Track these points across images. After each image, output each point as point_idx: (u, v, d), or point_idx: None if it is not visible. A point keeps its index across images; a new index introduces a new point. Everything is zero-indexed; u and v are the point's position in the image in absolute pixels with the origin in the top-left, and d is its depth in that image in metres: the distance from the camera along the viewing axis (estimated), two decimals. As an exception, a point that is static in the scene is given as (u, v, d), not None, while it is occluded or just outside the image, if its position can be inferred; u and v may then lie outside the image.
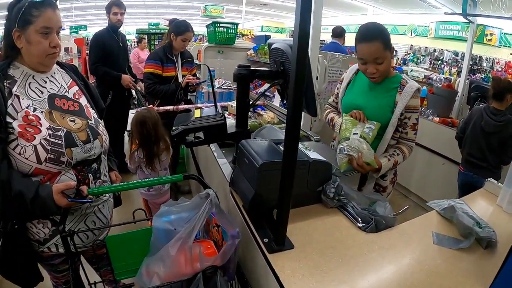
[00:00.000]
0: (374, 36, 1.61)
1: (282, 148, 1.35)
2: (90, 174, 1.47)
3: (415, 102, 1.73)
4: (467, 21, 5.16)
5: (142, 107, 3.13)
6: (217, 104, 1.77)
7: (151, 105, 2.92)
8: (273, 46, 1.67)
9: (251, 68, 1.57)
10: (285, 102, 1.80)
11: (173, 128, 1.43)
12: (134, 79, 3.89)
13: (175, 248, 1.11)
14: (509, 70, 7.55)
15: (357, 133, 1.66)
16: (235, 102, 2.98)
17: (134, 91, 3.91)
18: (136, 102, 4.40)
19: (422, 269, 1.11)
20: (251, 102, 1.66)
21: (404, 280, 1.05)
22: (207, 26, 4.34)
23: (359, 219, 1.32)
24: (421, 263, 1.15)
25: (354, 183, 1.82)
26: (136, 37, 9.28)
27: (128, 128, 3.10)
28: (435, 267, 1.12)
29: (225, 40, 4.23)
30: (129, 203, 2.95)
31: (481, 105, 3.28)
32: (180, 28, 3.19)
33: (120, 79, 3.76)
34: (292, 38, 0.90)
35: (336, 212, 1.39)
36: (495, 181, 1.79)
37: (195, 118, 1.51)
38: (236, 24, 4.27)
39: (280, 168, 1.03)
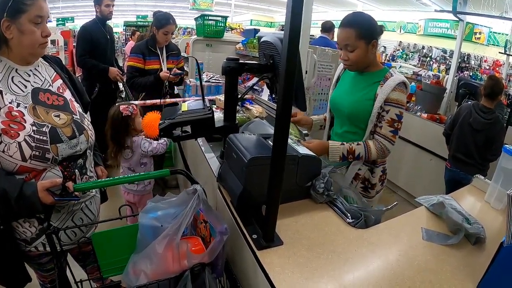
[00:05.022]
0: (350, 23, 1.64)
1: (271, 143, 1.34)
2: (76, 170, 1.43)
3: (397, 96, 1.66)
4: (456, 19, 5.20)
5: (128, 101, 3.07)
6: (205, 97, 1.74)
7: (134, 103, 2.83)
8: (262, 39, 1.64)
9: (240, 61, 1.54)
10: (273, 96, 1.77)
11: (160, 122, 1.39)
12: (121, 72, 3.84)
13: (162, 246, 1.09)
14: (496, 69, 7.65)
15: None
16: (223, 96, 2.95)
17: (121, 84, 3.85)
18: (123, 96, 4.33)
19: (412, 265, 1.10)
20: (239, 96, 1.62)
21: (393, 276, 1.04)
22: (195, 19, 4.30)
23: (349, 215, 1.31)
24: (410, 259, 1.14)
25: (346, 180, 1.80)
26: (124, 29, 9.14)
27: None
28: (425, 263, 1.11)
29: (213, 33, 4.19)
30: (115, 199, 2.90)
31: (469, 102, 3.30)
32: (161, 21, 3.15)
33: (107, 71, 3.72)
34: (282, 32, 0.88)
35: (325, 208, 1.38)
36: (483, 177, 1.80)
37: (182, 111, 1.48)
38: (225, 18, 4.23)
39: (269, 163, 1.01)
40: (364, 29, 1.62)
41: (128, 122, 2.36)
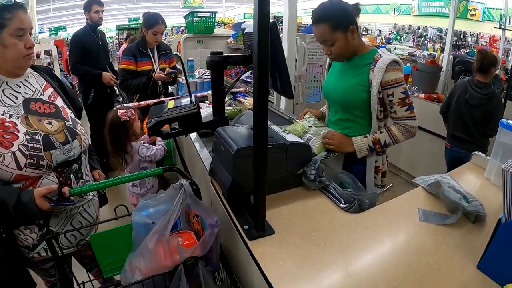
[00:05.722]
0: (320, 19, 1.58)
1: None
2: (71, 175, 1.45)
3: (393, 76, 1.59)
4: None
5: (123, 104, 3.07)
6: (196, 94, 1.74)
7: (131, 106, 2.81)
8: (246, 31, 1.63)
9: (224, 54, 1.53)
10: None
11: (147, 120, 1.40)
12: (115, 76, 3.85)
13: (152, 242, 1.09)
14: (494, 44, 7.57)
15: (311, 125, 1.74)
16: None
17: (116, 88, 3.86)
18: (120, 99, 4.35)
19: (408, 246, 1.09)
20: (226, 90, 1.62)
21: (389, 259, 1.04)
22: (185, 17, 4.29)
23: (342, 200, 1.30)
24: (406, 240, 1.13)
25: (339, 164, 1.78)
26: (116, 33, 9.13)
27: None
28: (421, 244, 1.09)
29: (204, 29, 4.20)
30: (117, 201, 2.91)
31: (465, 79, 3.26)
32: (150, 22, 3.15)
33: (101, 77, 3.74)
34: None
35: (318, 194, 1.37)
36: (482, 154, 1.77)
37: (168, 109, 1.48)
38: (214, 13, 4.22)
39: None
40: (336, 20, 1.56)
41: (126, 127, 2.34)
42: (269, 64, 1.36)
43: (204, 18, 4.11)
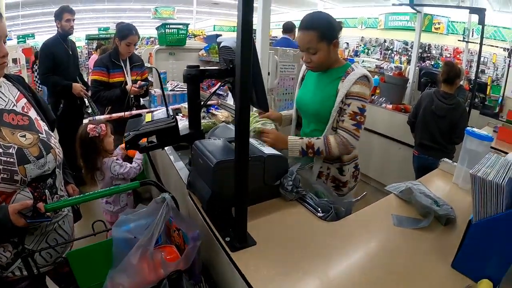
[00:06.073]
0: (309, 26, 1.62)
1: (237, 146, 1.35)
2: (46, 190, 1.40)
3: (358, 89, 1.64)
4: (414, 11, 5.38)
5: (95, 116, 3.00)
6: (170, 106, 1.74)
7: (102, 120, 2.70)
8: (221, 45, 1.66)
9: (201, 68, 1.54)
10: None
11: (125, 134, 1.38)
12: (85, 87, 3.77)
13: (136, 257, 1.08)
14: (457, 56, 7.96)
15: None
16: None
17: (86, 99, 3.77)
18: (89, 111, 4.25)
19: (385, 251, 1.15)
20: (202, 103, 1.63)
21: (367, 264, 1.08)
22: (157, 28, 4.26)
23: (319, 209, 1.34)
24: (383, 245, 1.19)
25: (313, 175, 1.83)
26: (86, 43, 8.95)
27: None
28: (397, 248, 1.16)
29: (175, 41, 4.18)
30: (89, 216, 2.83)
31: (430, 90, 3.41)
32: (124, 32, 3.11)
33: (71, 87, 3.64)
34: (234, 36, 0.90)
35: (295, 205, 1.40)
36: (450, 161, 1.88)
37: (146, 122, 1.47)
38: (187, 25, 4.22)
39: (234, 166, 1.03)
40: (324, 30, 1.61)
41: (96, 143, 2.25)
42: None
43: (176, 30, 4.10)
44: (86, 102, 3.83)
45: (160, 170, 2.46)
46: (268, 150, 1.41)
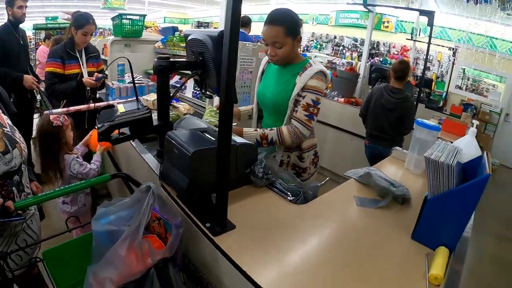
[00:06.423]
0: (277, 21, 1.68)
1: (209, 136, 1.41)
2: (13, 188, 1.34)
3: (315, 83, 1.74)
4: (366, 10, 5.65)
5: (48, 110, 2.85)
6: (129, 99, 1.72)
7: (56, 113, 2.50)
8: (190, 37, 1.67)
9: (171, 59, 1.56)
10: (203, 91, 1.77)
11: (98, 125, 1.37)
12: (37, 80, 3.55)
13: (124, 248, 1.08)
14: (404, 53, 8.44)
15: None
16: (149, 96, 2.91)
17: (37, 92, 3.57)
18: (39, 105, 4.03)
19: (352, 228, 1.29)
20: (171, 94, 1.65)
21: (338, 240, 1.21)
22: (112, 19, 4.13)
23: (289, 193, 1.43)
24: (350, 223, 1.33)
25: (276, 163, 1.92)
26: (33, 33, 8.36)
27: (34, 134, 2.81)
28: (363, 225, 1.30)
29: (132, 32, 4.08)
30: (51, 216, 2.72)
31: (381, 85, 3.64)
32: (80, 21, 2.96)
33: (22, 79, 3.40)
34: (208, 29, 0.95)
35: (266, 191, 1.49)
36: (401, 148, 2.07)
37: (121, 113, 1.47)
38: (144, 16, 4.14)
39: (210, 154, 1.13)
40: (291, 26, 1.68)
41: (59, 134, 2.15)
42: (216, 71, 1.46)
43: (133, 21, 4.00)
44: (38, 96, 3.63)
45: (123, 165, 2.43)
46: (239, 139, 1.48)
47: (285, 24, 1.67)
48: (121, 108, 1.50)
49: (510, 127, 6.88)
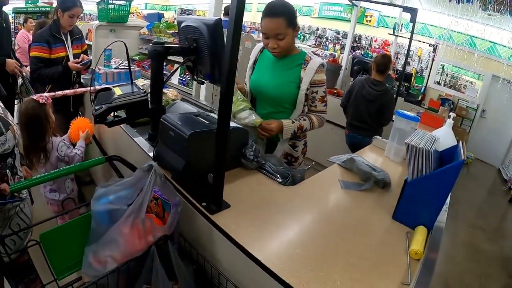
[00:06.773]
0: (278, 12, 1.68)
1: (202, 119, 1.47)
2: (7, 171, 1.35)
3: (320, 77, 1.85)
4: (349, 3, 5.72)
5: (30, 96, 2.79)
6: (116, 85, 1.73)
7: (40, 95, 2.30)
8: (184, 24, 1.70)
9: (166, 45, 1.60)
10: (195, 77, 1.78)
11: (96, 107, 1.39)
12: (19, 64, 3.43)
13: (127, 225, 1.11)
14: (386, 47, 8.61)
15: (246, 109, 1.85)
16: (139, 81, 2.91)
17: (20, 77, 3.48)
18: (19, 91, 3.92)
19: (338, 208, 1.39)
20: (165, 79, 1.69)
21: (326, 217, 1.31)
22: (98, 3, 4.04)
23: (278, 175, 1.51)
24: (336, 204, 1.43)
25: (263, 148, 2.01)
26: (12, 17, 8.07)
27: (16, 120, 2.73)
28: (348, 206, 1.41)
29: (117, 18, 4.03)
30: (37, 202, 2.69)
31: (362, 77, 3.74)
32: (67, 4, 2.89)
33: (4, 63, 3.26)
34: (198, 16, 1.00)
35: (256, 173, 1.57)
36: (381, 137, 2.18)
37: (118, 95, 1.49)
38: (130, 1, 4.07)
39: (206, 136, 1.23)
40: (291, 17, 1.71)
41: (45, 112, 2.10)
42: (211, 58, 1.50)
43: (118, 6, 3.95)
44: (19, 81, 3.54)
45: (111, 149, 2.44)
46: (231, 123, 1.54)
47: (285, 15, 1.69)
48: (118, 91, 1.52)
49: (486, 122, 7.14)
